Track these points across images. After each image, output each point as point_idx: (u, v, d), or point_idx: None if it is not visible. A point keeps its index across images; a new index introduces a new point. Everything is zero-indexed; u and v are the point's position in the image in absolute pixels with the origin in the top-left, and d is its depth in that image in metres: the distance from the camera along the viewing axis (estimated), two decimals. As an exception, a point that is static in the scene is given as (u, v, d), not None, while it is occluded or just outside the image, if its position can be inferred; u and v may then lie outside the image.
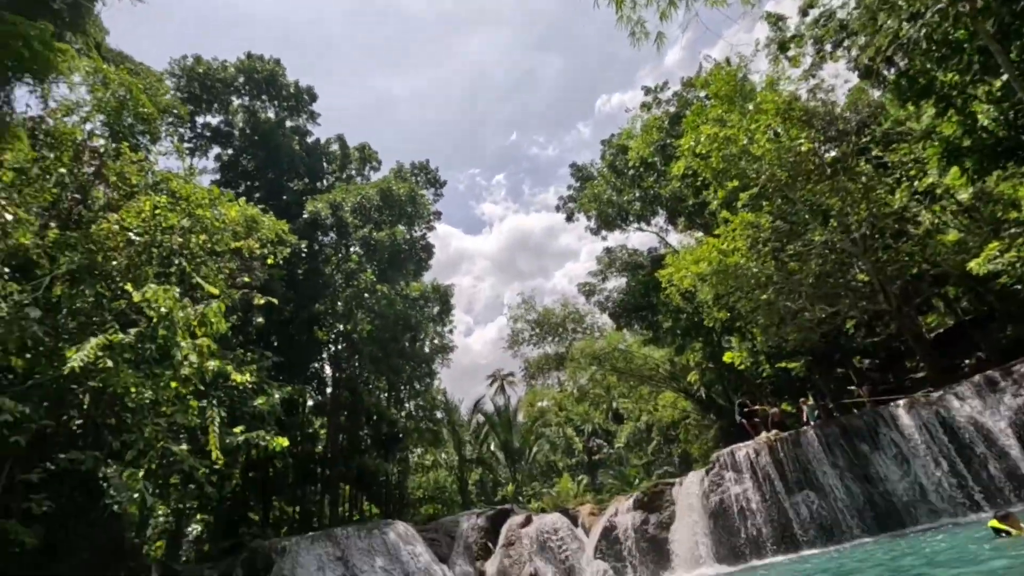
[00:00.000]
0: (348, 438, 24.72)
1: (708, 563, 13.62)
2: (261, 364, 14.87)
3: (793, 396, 24.49)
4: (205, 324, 9.59)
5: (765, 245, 15.99)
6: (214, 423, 9.83)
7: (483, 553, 15.82)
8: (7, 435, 8.25)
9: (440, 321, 32.04)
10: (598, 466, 42.31)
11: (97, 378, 8.91)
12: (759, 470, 13.85)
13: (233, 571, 12.94)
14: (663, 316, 26.99)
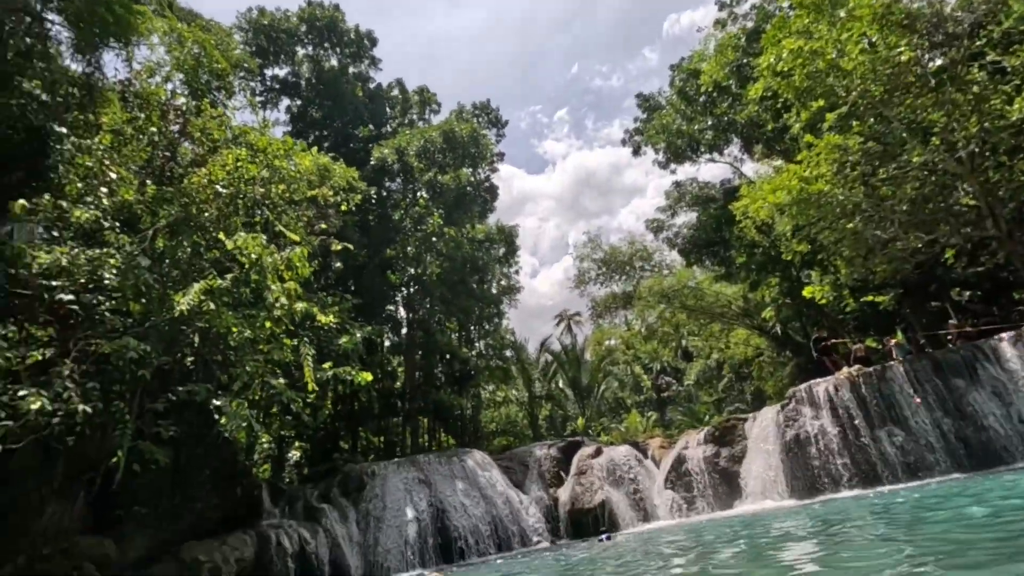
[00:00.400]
0: (424, 375, 26.09)
1: (780, 496, 13.63)
2: (342, 307, 15.79)
3: (879, 332, 23.16)
4: (291, 268, 10.26)
5: (853, 169, 14.76)
6: (308, 359, 10.70)
7: (555, 481, 16.60)
8: (135, 370, 9.38)
9: (506, 262, 32.43)
10: (666, 403, 42.49)
11: (202, 319, 9.83)
12: (839, 405, 13.44)
13: (330, 491, 14.37)
14: (736, 251, 25.91)
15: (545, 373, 41.00)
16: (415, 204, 23.52)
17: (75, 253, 10.11)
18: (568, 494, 15.80)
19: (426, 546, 13.46)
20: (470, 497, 14.60)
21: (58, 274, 9.86)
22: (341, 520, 13.40)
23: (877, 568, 4.22)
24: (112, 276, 10.13)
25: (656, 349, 39.04)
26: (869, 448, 12.74)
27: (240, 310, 10.75)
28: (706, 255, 28.23)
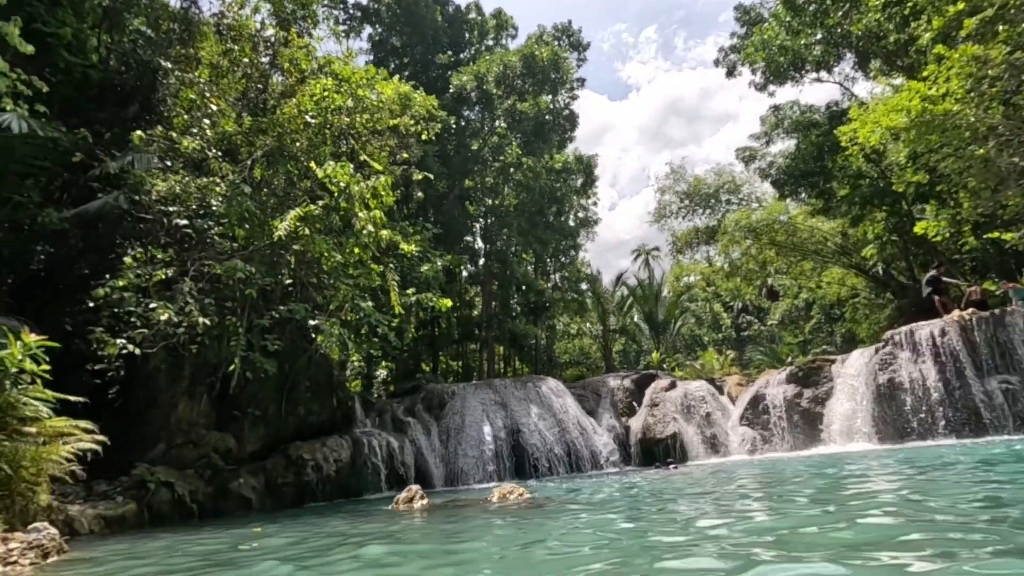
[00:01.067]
0: (500, 305, 26.79)
1: (867, 439, 13.12)
2: (423, 236, 16.27)
3: (1001, 275, 20.81)
4: (376, 196, 10.64)
5: (992, 86, 12.79)
6: (393, 284, 11.30)
7: (627, 411, 16.89)
8: (242, 289, 10.34)
9: (584, 193, 31.71)
10: (746, 342, 41.20)
11: (298, 244, 10.54)
12: (943, 350, 12.45)
13: (415, 407, 15.50)
14: (838, 183, 23.75)
15: (620, 307, 40.76)
16: (493, 133, 23.25)
17: (186, 181, 11.02)
18: (640, 424, 16.07)
19: (502, 462, 14.36)
20: (544, 420, 15.24)
21: (173, 200, 10.84)
22: (424, 433, 14.52)
23: (964, 511, 4.04)
24: (218, 203, 11.00)
25: (738, 287, 37.34)
26: (975, 396, 11.83)
27: (331, 236, 11.41)
28: (803, 187, 26.10)
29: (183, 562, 4.77)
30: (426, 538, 5.29)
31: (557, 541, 4.28)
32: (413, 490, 7.94)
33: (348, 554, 4.43)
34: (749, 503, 5.60)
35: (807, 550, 3.14)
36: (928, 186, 17.93)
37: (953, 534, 3.29)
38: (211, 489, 10.09)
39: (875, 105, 16.28)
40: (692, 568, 3.01)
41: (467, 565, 3.66)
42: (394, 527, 6.10)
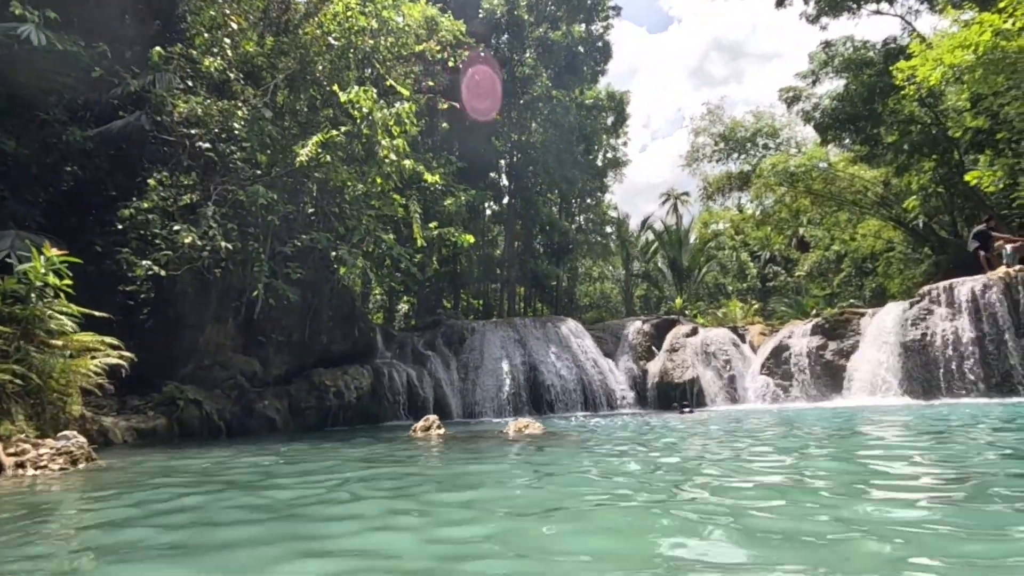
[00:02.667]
0: (523, 244, 26.54)
1: (891, 393, 12.91)
2: (447, 169, 15.90)
3: (1052, 232, 19.70)
4: (400, 124, 10.29)
5: (1078, 19, 11.57)
6: (416, 216, 11.14)
7: (646, 355, 16.87)
8: (264, 215, 10.29)
9: (614, 132, 30.56)
10: (771, 293, 40.44)
11: (320, 171, 10.36)
12: (983, 307, 11.96)
13: (435, 341, 15.71)
14: (887, 128, 22.33)
15: (644, 252, 40.17)
16: (522, 63, 22.19)
17: (208, 103, 10.78)
18: (658, 367, 16.08)
19: (519, 397, 14.61)
20: (562, 359, 15.34)
21: (195, 123, 10.66)
22: (444, 367, 14.77)
23: (976, 464, 3.90)
24: (240, 127, 10.79)
25: (768, 236, 36.28)
26: (1011, 356, 11.43)
27: (354, 165, 11.18)
28: (848, 132, 24.66)
29: (210, 474, 4.94)
30: (445, 464, 5.38)
31: (568, 472, 4.30)
32: (431, 419, 8.09)
33: (368, 473, 4.52)
34: (755, 446, 5.54)
35: (802, 491, 3.05)
36: (986, 134, 16.71)
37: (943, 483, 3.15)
38: (237, 408, 10.48)
39: (938, 41, 14.96)
40: (688, 499, 2.94)
41: (479, 490, 3.68)
42: (412, 453, 6.23)
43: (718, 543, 2.27)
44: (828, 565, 1.94)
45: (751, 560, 2.02)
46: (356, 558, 2.24)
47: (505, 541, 2.39)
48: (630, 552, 2.26)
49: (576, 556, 2.20)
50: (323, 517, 3.03)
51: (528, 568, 2.06)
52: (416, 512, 3.02)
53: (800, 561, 2.00)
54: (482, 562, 2.14)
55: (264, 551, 2.37)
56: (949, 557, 2.00)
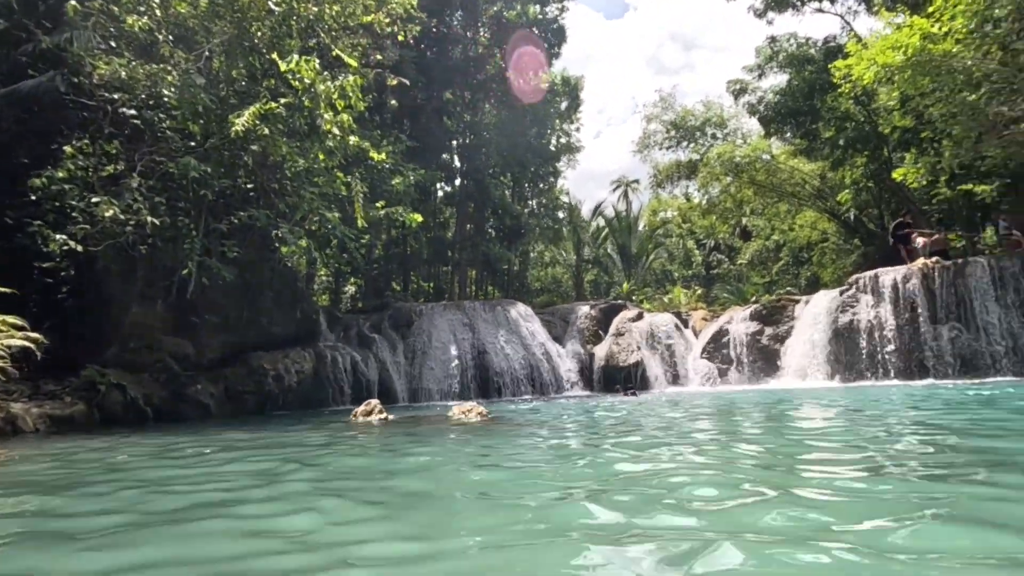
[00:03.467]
0: (475, 227, 26.31)
1: (821, 376, 13.66)
2: (397, 147, 15.47)
3: (966, 229, 21.24)
4: (344, 98, 9.86)
5: (997, 26, 12.33)
6: (359, 194, 10.76)
7: (593, 339, 17.16)
8: (196, 189, 9.70)
9: (567, 117, 30.56)
10: (715, 280, 41.93)
11: (258, 144, 9.82)
12: (903, 296, 12.77)
13: (381, 324, 15.39)
14: (824, 124, 23.29)
15: (596, 238, 40.71)
16: (475, 43, 21.77)
17: (133, 66, 10.00)
18: (604, 351, 16.39)
19: (466, 381, 14.56)
20: (510, 343, 15.37)
21: (119, 87, 9.88)
22: (390, 350, 14.51)
23: (881, 436, 4.17)
24: (171, 93, 10.08)
25: (713, 224, 37.46)
26: (926, 342, 12.29)
27: (295, 140, 10.67)
28: (789, 126, 25.57)
29: (115, 460, 4.65)
30: (372, 450, 5.26)
31: (502, 453, 4.29)
32: (372, 404, 7.93)
33: (295, 457, 4.36)
34: (690, 424, 5.72)
35: (726, 466, 3.16)
36: (912, 133, 17.73)
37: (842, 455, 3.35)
38: (167, 393, 9.95)
39: (873, 41, 15.66)
40: (623, 472, 2.98)
41: (409, 475, 3.61)
42: (344, 438, 6.08)
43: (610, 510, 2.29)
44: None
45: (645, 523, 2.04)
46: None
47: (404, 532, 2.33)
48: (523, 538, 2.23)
49: (467, 538, 2.17)
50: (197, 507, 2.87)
51: (416, 552, 2.02)
52: (312, 505, 2.91)
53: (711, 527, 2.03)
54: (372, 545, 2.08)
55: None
56: (864, 522, 2.08)
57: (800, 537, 1.99)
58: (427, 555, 2.01)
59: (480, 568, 1.88)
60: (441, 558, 1.97)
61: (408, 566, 1.94)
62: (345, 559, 2.00)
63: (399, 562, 1.97)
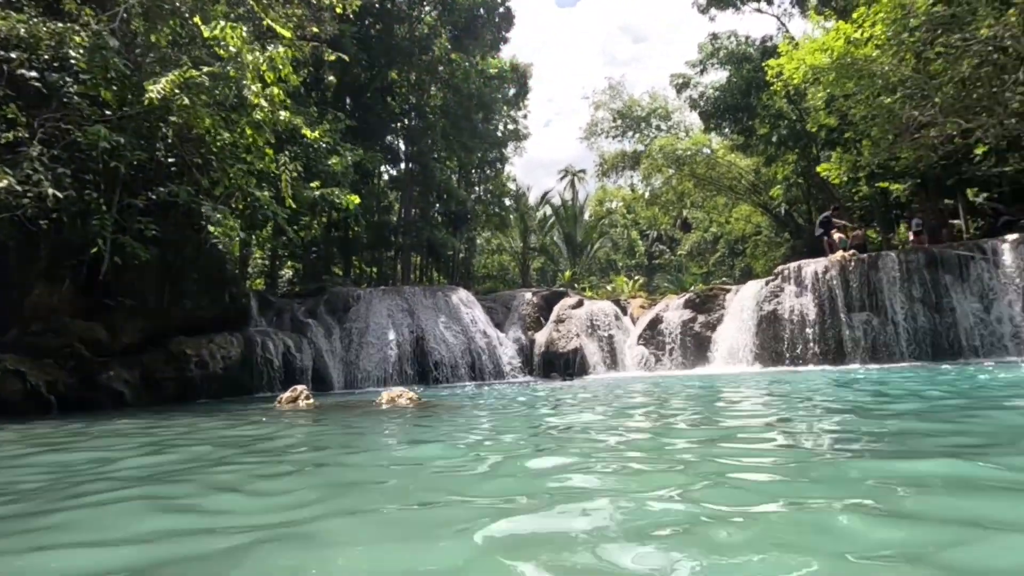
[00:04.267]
0: (420, 212, 25.87)
1: (746, 363, 14.32)
2: (334, 126, 14.92)
3: (882, 225, 22.77)
4: (274, 70, 9.37)
5: (912, 35, 13.13)
6: (287, 172, 10.30)
7: (534, 325, 17.29)
8: (107, 161, 8.99)
9: (515, 105, 30.43)
10: (657, 270, 43.24)
11: (178, 115, 9.20)
12: (822, 286, 13.54)
13: (317, 308, 14.91)
14: (760, 121, 24.28)
15: (542, 226, 40.98)
16: (421, 21, 21.23)
17: (34, 23, 9.14)
18: (545, 338, 16.55)
19: (404, 367, 14.36)
20: (450, 330, 15.26)
21: (17, 45, 9.00)
22: (326, 335, 14.09)
23: (798, 415, 4.40)
24: (79, 56, 9.27)
25: (656, 215, 38.52)
26: (842, 329, 13.09)
27: (221, 112, 10.07)
28: (728, 122, 26.47)
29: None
30: (294, 432, 5.08)
31: (425, 437, 4.22)
32: (299, 390, 7.67)
33: (204, 438, 4.14)
34: (618, 407, 5.85)
35: (656, 451, 3.24)
36: (837, 132, 18.74)
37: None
38: (74, 380, 9.26)
39: (804, 42, 16.38)
40: (536, 465, 2.99)
41: (322, 454, 3.49)
42: (261, 425, 5.84)
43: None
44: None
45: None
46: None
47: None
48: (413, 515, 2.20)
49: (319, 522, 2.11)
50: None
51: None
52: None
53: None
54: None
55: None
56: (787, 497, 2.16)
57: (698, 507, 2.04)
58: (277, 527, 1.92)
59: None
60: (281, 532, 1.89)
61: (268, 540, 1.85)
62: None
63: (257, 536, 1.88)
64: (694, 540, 1.70)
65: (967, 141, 15.11)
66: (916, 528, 1.77)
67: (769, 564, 1.51)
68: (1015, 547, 1.59)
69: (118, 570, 1.72)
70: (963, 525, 1.76)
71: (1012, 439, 3.30)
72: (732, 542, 1.67)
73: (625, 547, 1.66)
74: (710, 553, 1.58)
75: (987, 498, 2.09)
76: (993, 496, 2.12)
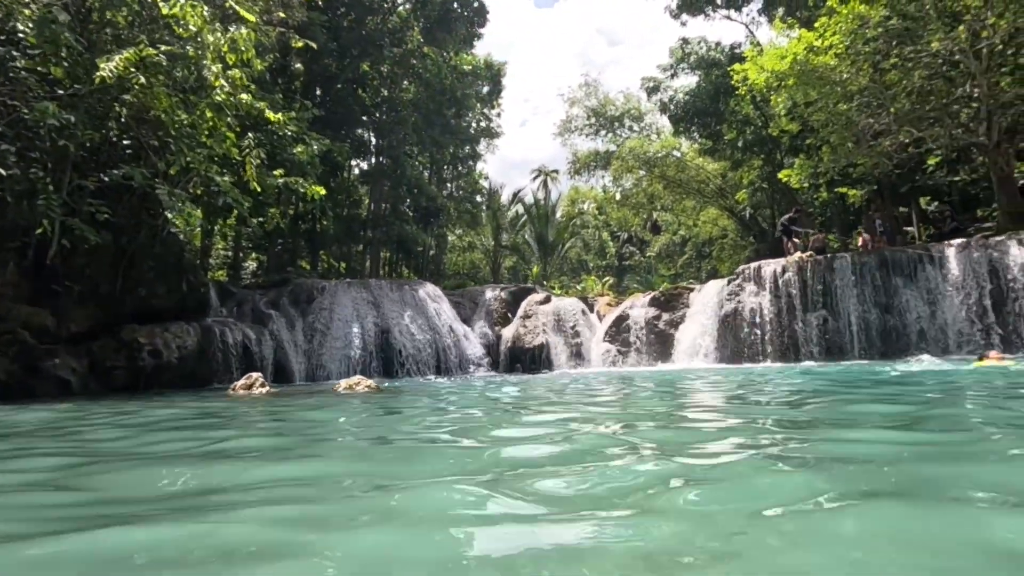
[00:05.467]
0: (390, 206, 25.63)
1: (707, 360, 14.63)
2: (302, 115, 14.65)
3: (841, 229, 23.55)
4: (236, 52, 9.16)
5: (867, 45, 13.62)
6: (252, 157, 10.08)
7: (501, 321, 17.32)
8: (55, 139, 8.66)
9: (489, 103, 30.44)
10: (627, 271, 43.79)
11: (133, 94, 8.91)
12: (781, 286, 13.93)
13: (280, 299, 14.62)
14: (727, 126, 24.85)
15: (514, 224, 41.05)
16: (394, 11, 21.03)
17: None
18: (512, 333, 16.60)
19: (368, 361, 14.19)
20: (416, 324, 15.16)
21: (-41, 15, 8.59)
22: (288, 327, 13.83)
23: (764, 411, 4.54)
24: (27, 29, 8.89)
25: (626, 217, 39.02)
26: (797, 328, 13.49)
27: (180, 94, 9.79)
28: (696, 125, 26.98)
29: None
30: (240, 416, 4.98)
31: (370, 420, 4.20)
32: (253, 377, 7.52)
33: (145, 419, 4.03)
34: (575, 396, 5.92)
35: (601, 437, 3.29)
36: (800, 139, 19.32)
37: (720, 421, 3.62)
38: (17, 368, 8.88)
39: (769, 49, 16.83)
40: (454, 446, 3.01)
41: (269, 438, 3.44)
42: (209, 413, 5.71)
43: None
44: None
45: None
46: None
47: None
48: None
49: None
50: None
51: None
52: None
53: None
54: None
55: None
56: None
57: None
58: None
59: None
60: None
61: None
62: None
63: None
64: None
65: (920, 151, 15.78)
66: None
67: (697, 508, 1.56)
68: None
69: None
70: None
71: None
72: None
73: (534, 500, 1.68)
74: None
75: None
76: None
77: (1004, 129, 14.24)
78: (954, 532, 1.42)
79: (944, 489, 1.84)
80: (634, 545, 1.40)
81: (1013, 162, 15.06)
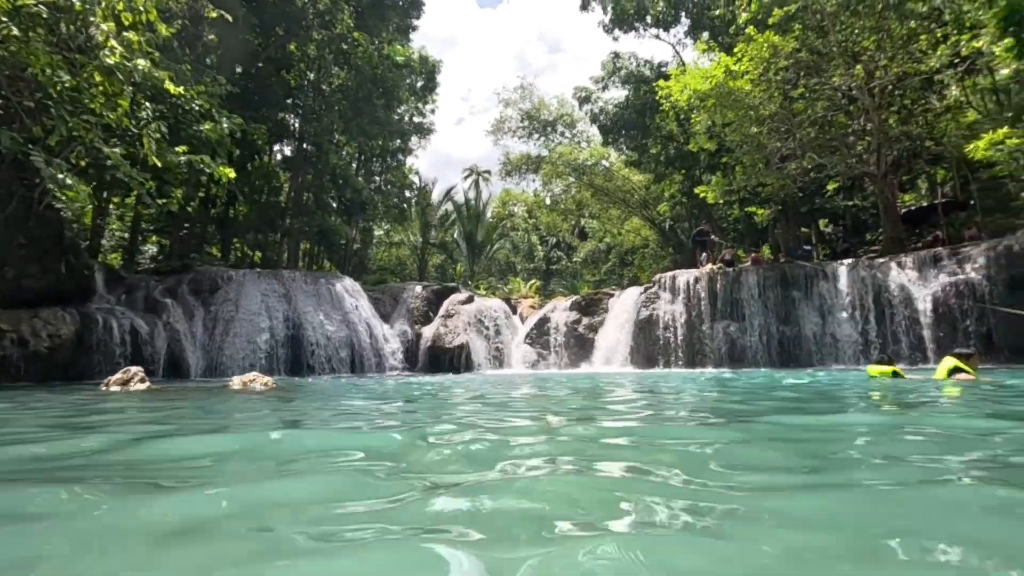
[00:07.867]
0: (313, 196, 24.47)
1: (622, 363, 15.02)
2: (213, 90, 13.62)
3: (751, 245, 25.13)
4: (133, 11, 8.31)
5: (778, 74, 14.57)
6: (148, 129, 9.18)
7: (423, 319, 16.95)
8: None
9: (423, 98, 29.89)
10: (554, 275, 44.49)
11: (2, 47, 7.86)
12: (692, 295, 14.56)
13: (179, 287, 13.48)
14: (652, 140, 25.83)
15: (443, 222, 40.59)
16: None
17: None
18: (432, 332, 16.28)
19: (275, 357, 13.39)
20: (331, 319, 14.49)
21: None
22: (186, 318, 12.76)
23: (655, 406, 4.59)
24: None
25: (555, 221, 39.69)
26: (704, 335, 14.16)
27: (63, 52, 8.75)
28: (624, 138, 27.86)
29: None
30: (102, 413, 4.44)
31: (254, 419, 3.85)
32: (132, 371, 6.79)
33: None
34: (467, 395, 5.80)
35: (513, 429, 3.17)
36: (716, 157, 20.41)
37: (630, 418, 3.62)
38: None
39: (691, 70, 17.63)
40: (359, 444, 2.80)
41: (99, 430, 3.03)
42: (59, 413, 5.08)
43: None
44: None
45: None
46: None
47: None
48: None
49: None
50: None
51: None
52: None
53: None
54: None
55: None
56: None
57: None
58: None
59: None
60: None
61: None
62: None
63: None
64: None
65: (821, 176, 17.09)
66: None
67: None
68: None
69: None
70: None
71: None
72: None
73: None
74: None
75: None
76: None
77: (891, 162, 15.70)
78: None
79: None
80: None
81: (897, 192, 16.65)
